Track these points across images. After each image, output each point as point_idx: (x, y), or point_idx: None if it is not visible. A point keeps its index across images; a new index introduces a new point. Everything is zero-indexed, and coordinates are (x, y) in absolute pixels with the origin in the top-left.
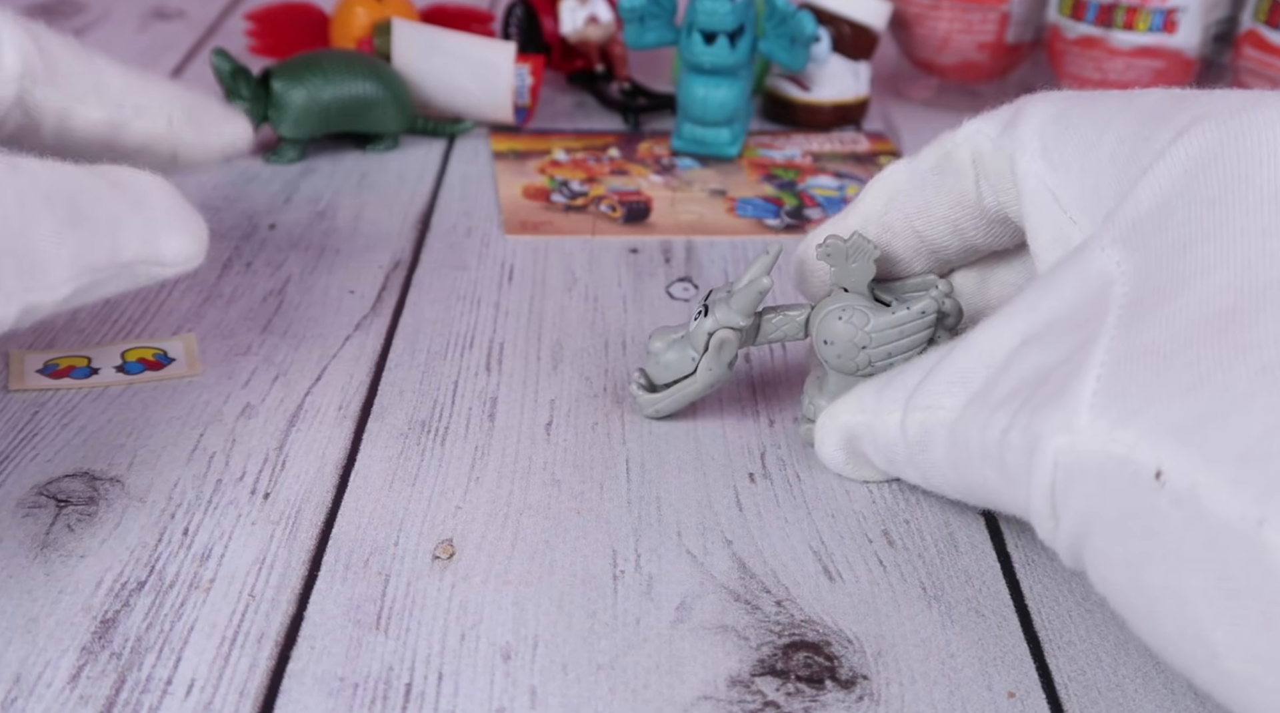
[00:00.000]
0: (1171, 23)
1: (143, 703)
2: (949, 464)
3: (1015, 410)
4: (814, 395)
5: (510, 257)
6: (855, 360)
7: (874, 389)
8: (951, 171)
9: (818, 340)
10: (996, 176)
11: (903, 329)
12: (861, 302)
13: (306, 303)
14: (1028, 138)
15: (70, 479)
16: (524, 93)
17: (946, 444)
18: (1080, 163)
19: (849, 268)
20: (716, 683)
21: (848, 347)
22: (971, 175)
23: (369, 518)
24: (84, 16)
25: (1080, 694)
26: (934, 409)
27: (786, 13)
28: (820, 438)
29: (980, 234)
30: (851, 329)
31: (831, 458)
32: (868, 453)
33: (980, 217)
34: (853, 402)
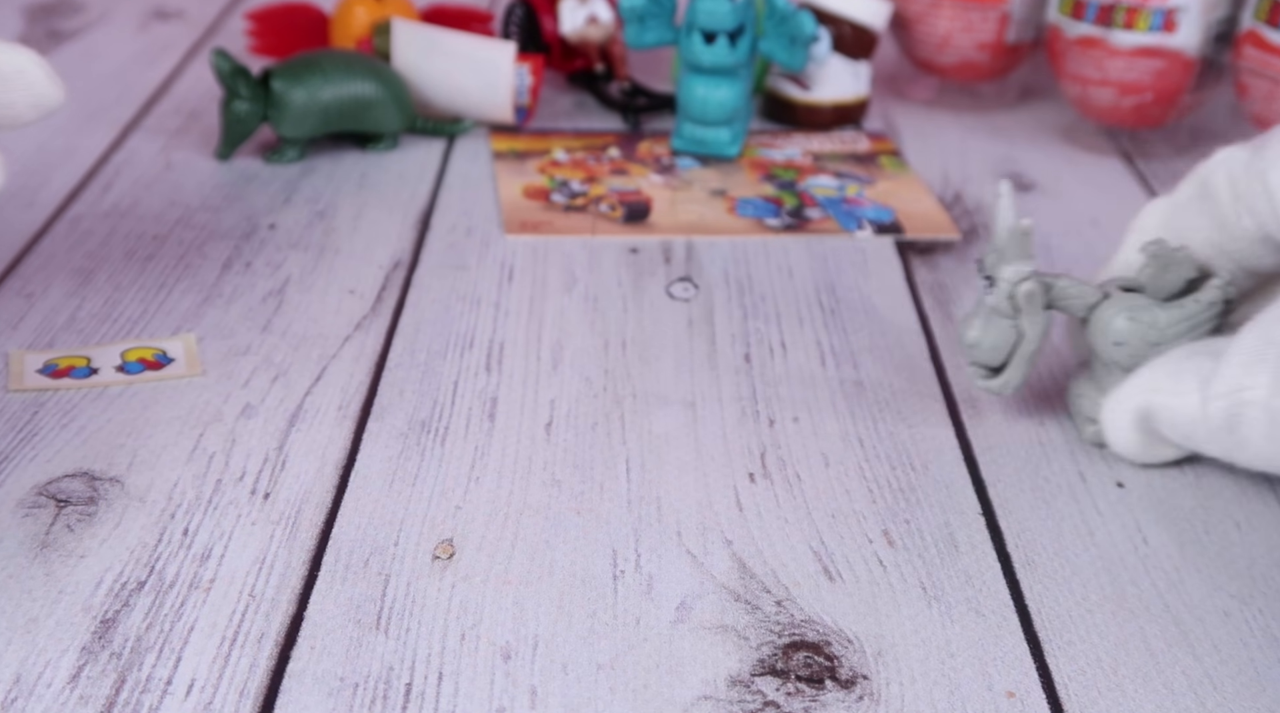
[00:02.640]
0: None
1: (143, 703)
2: (1263, 441)
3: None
4: (1094, 396)
5: (510, 257)
6: (1147, 357)
7: (1164, 371)
8: (1209, 197)
9: (1105, 342)
10: (1250, 197)
11: (1192, 322)
12: (1144, 300)
13: (306, 303)
14: (1275, 153)
15: (70, 479)
16: (524, 93)
17: (1264, 422)
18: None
19: (1164, 277)
20: (716, 683)
21: (1140, 345)
22: (1228, 199)
23: (369, 518)
24: (84, 16)
25: (1080, 694)
26: (1240, 391)
27: (786, 13)
28: (1112, 423)
29: (1245, 254)
30: (1144, 328)
31: (1126, 442)
32: (1163, 430)
33: (1240, 237)
34: (1142, 383)
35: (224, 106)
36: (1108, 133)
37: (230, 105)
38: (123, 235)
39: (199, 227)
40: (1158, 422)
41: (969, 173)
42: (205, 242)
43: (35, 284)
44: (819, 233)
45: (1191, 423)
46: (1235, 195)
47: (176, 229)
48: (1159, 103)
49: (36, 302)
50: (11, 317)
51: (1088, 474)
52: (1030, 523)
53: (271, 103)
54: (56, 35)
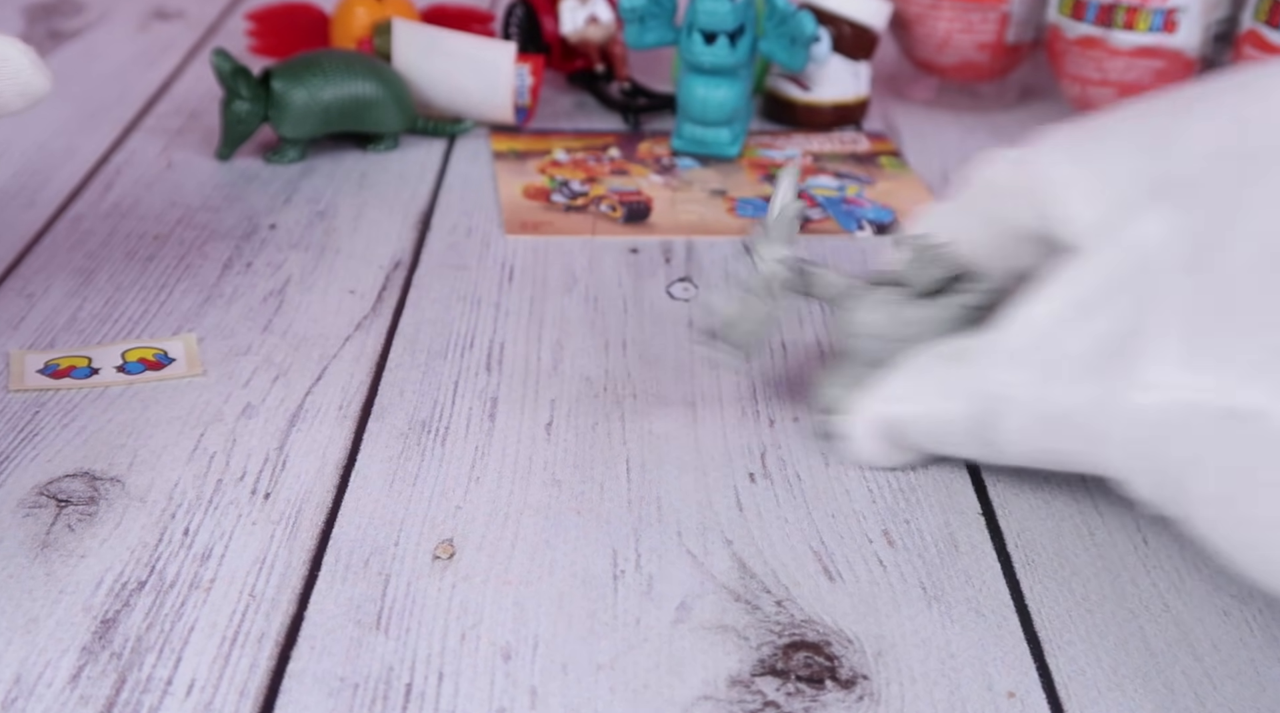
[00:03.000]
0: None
1: (143, 703)
2: (1022, 438)
3: (1093, 377)
4: (835, 387)
5: (510, 257)
6: (894, 353)
7: (908, 378)
8: (979, 197)
9: (853, 332)
10: (1022, 193)
11: (944, 321)
12: (898, 294)
13: (306, 303)
14: (1049, 148)
15: (70, 479)
16: (524, 93)
17: (1018, 418)
18: (1107, 156)
19: (925, 271)
20: (716, 683)
21: (888, 340)
22: (997, 198)
23: (369, 518)
24: (84, 16)
25: (1080, 694)
26: (998, 389)
27: (786, 13)
28: (855, 432)
29: (1011, 253)
30: (894, 322)
31: (868, 450)
32: (913, 439)
33: (1009, 236)
34: (885, 392)
35: (224, 106)
36: None
37: (230, 105)
38: (123, 235)
39: (199, 227)
40: (903, 430)
41: None
42: (206, 242)
43: (36, 284)
44: (819, 233)
45: (944, 428)
46: (1005, 194)
47: (177, 229)
48: None
49: (37, 302)
50: (12, 317)
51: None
52: (1030, 523)
53: (272, 103)
54: (56, 35)
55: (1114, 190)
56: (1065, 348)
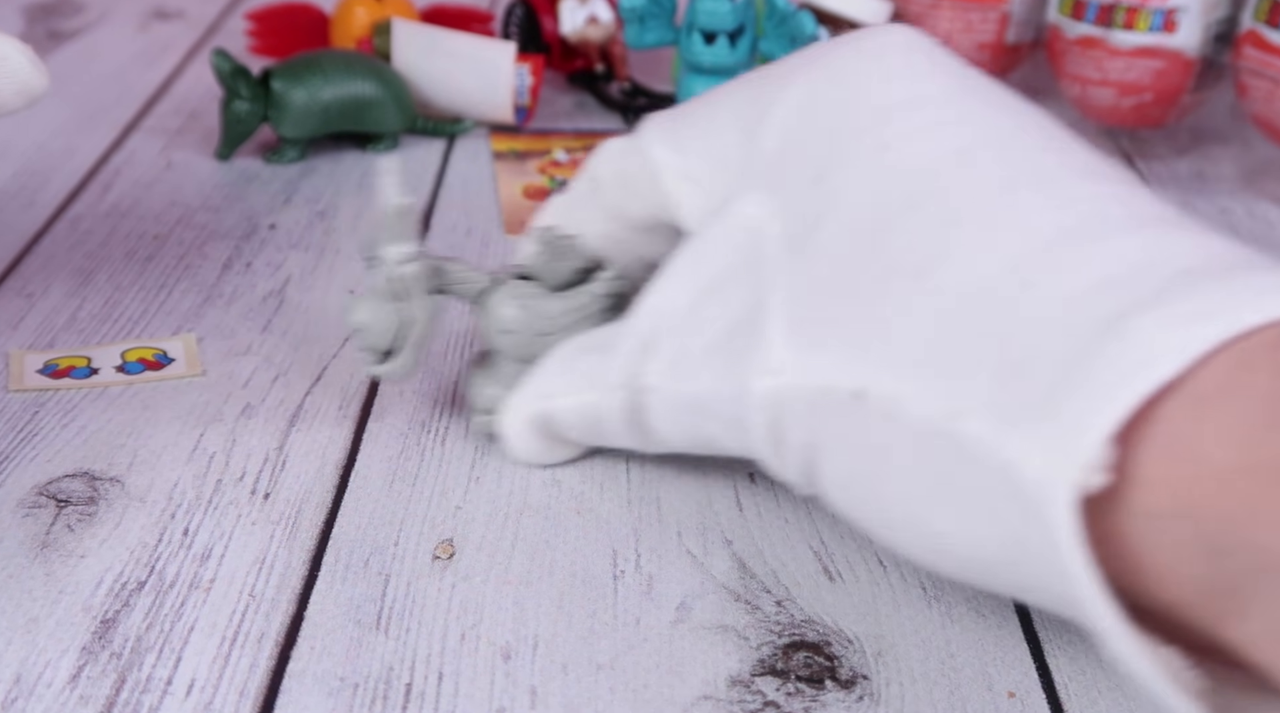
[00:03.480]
0: (1172, 23)
1: (143, 703)
2: (669, 425)
3: (719, 363)
4: (483, 385)
5: (510, 256)
6: (536, 348)
7: (555, 372)
8: (599, 189)
9: (493, 330)
10: (637, 182)
11: (581, 312)
12: (535, 288)
13: (306, 303)
14: (652, 134)
15: (70, 479)
16: (524, 93)
17: (662, 407)
18: (702, 139)
19: (556, 264)
20: (716, 683)
21: (529, 335)
22: (615, 189)
23: (369, 518)
24: (84, 16)
25: (1080, 694)
26: (636, 378)
27: (786, 13)
28: (510, 432)
29: (638, 243)
30: (532, 317)
31: (525, 449)
32: (566, 432)
33: (632, 227)
34: (534, 390)
35: (224, 106)
36: (1108, 133)
37: (230, 105)
38: (123, 235)
39: (199, 227)
40: (558, 426)
41: None
42: (205, 242)
43: (35, 284)
44: None
45: (594, 420)
46: (622, 184)
47: (177, 229)
48: (1159, 103)
49: (36, 302)
50: (11, 317)
51: None
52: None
53: (271, 103)
54: (56, 35)
55: (712, 174)
56: (691, 337)
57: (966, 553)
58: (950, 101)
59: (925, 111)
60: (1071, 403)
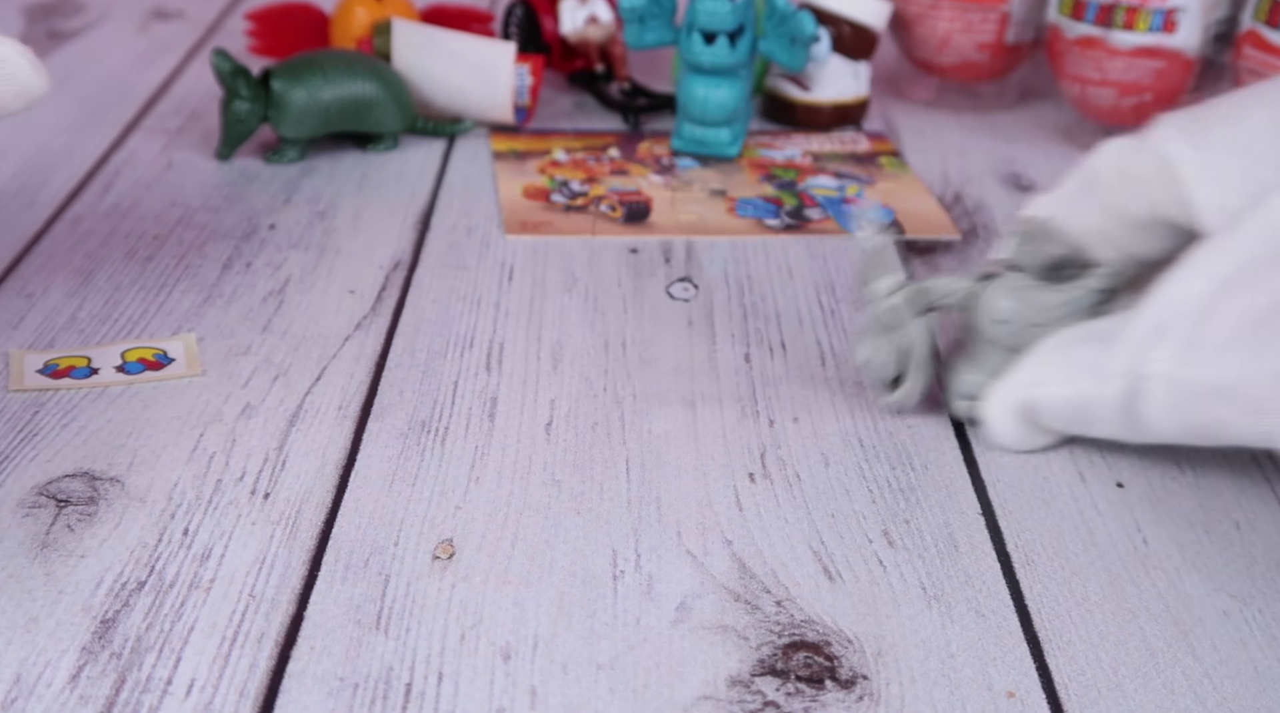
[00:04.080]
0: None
1: (143, 703)
2: (1168, 413)
3: (1248, 347)
4: (969, 374)
5: (510, 257)
6: (1028, 338)
7: (1047, 361)
8: (1097, 186)
9: (988, 320)
10: (1143, 181)
11: (1075, 305)
12: (1030, 280)
13: (306, 303)
14: (1170, 133)
15: (70, 479)
16: (524, 93)
17: (1164, 394)
18: (1229, 140)
19: (1037, 250)
20: (716, 683)
21: (1023, 326)
22: (1116, 186)
23: (369, 518)
24: (84, 16)
25: (1080, 694)
26: (1142, 365)
27: (786, 13)
28: (994, 415)
29: (1130, 240)
30: (1028, 308)
31: (1005, 433)
32: (1048, 420)
33: (1128, 223)
34: (1024, 377)
35: (224, 106)
36: (1108, 133)
37: (230, 105)
38: (123, 235)
39: (199, 227)
40: (1041, 414)
41: (969, 173)
42: (205, 242)
43: (35, 284)
44: (819, 233)
45: (1083, 409)
46: (1125, 181)
47: (177, 229)
48: (1159, 103)
49: (37, 302)
50: (11, 317)
51: (1087, 474)
52: (1030, 523)
53: (271, 103)
54: (56, 35)
55: (1241, 172)
56: (1211, 324)
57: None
58: None
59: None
60: None
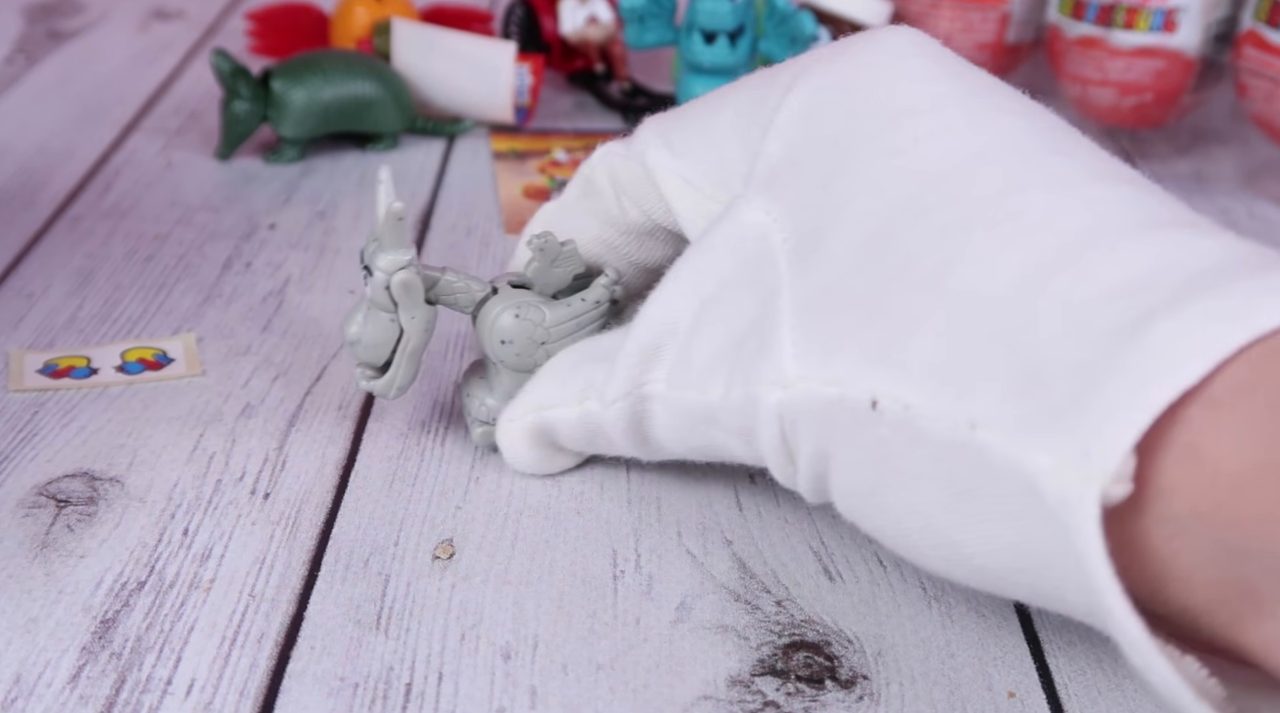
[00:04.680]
0: (1172, 23)
1: (143, 703)
2: (671, 434)
3: (726, 373)
4: (483, 396)
5: (510, 256)
6: (534, 357)
7: (554, 382)
8: (594, 193)
9: (493, 341)
10: (633, 186)
11: (579, 320)
12: (531, 297)
13: (306, 303)
14: (648, 137)
15: (70, 479)
16: (524, 93)
17: (664, 416)
18: (701, 143)
19: (551, 271)
20: (716, 683)
21: (527, 344)
22: (611, 193)
23: (369, 518)
24: (84, 16)
25: (1080, 694)
26: (638, 387)
27: (786, 13)
28: (507, 442)
29: (634, 249)
30: (530, 326)
31: (522, 459)
32: (565, 444)
33: (628, 232)
34: (534, 399)
35: (224, 106)
36: (1108, 133)
37: (230, 105)
38: (123, 235)
39: (199, 227)
40: (556, 435)
41: None
42: (205, 242)
43: (35, 284)
44: None
45: (595, 430)
46: (618, 189)
47: (176, 229)
48: (1159, 103)
49: (36, 302)
50: (11, 317)
51: None
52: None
53: (271, 103)
54: (56, 35)
55: (712, 179)
56: (695, 346)
57: (982, 562)
58: (959, 104)
59: (934, 115)
60: (1092, 413)
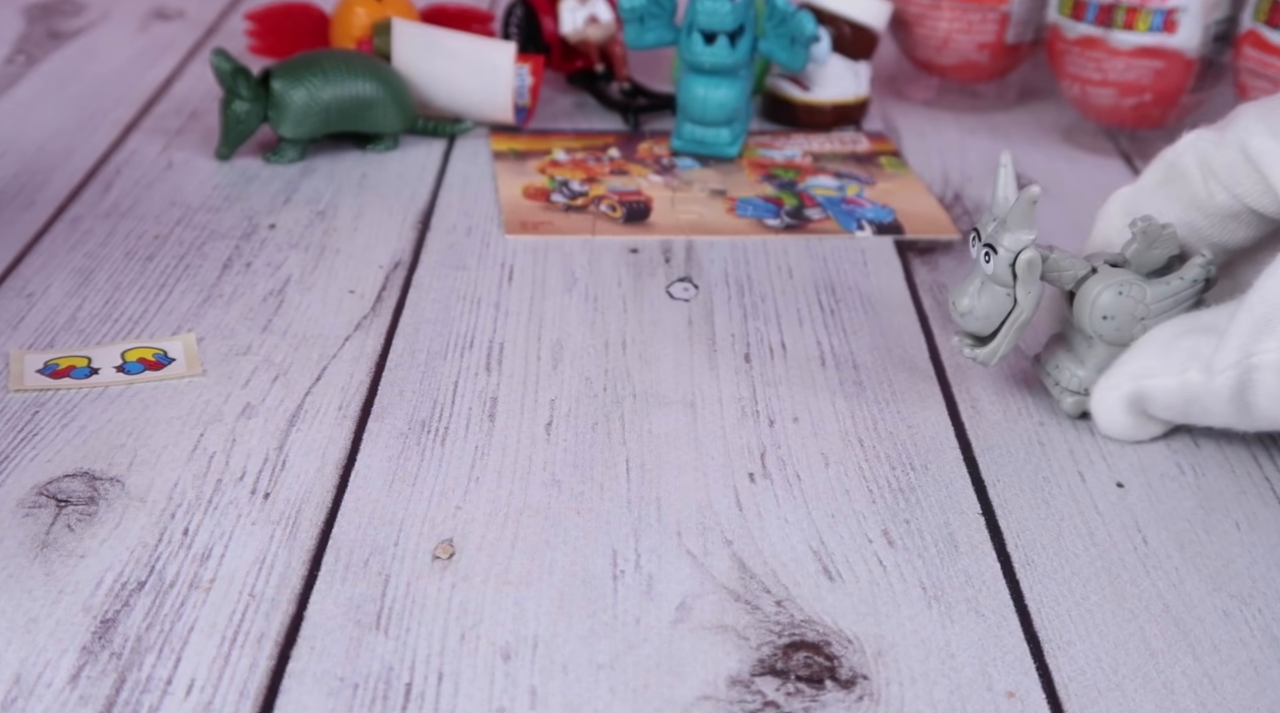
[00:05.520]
0: (1171, 23)
1: (143, 703)
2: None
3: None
4: (1073, 368)
5: (510, 257)
6: (1132, 331)
7: (1154, 353)
8: (1178, 178)
9: (1094, 316)
10: (1226, 171)
11: (1177, 297)
12: (1131, 275)
13: (306, 303)
14: (1251, 124)
15: (70, 479)
16: (524, 93)
17: (1275, 384)
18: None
19: (1149, 252)
20: (716, 683)
21: (1127, 320)
22: (1199, 178)
23: (369, 518)
24: (84, 16)
25: (1080, 694)
26: (1251, 356)
27: (786, 13)
28: (1103, 408)
29: (1216, 231)
30: (1131, 302)
31: (1116, 425)
32: (1157, 411)
33: (1213, 214)
34: (1132, 370)
35: (224, 106)
36: (1108, 133)
37: (230, 105)
38: (123, 235)
39: (199, 227)
40: (1151, 404)
41: (969, 173)
42: (205, 242)
43: (35, 284)
44: (819, 233)
45: (1194, 399)
46: (1207, 173)
47: (177, 229)
48: (1159, 103)
49: (37, 302)
50: (12, 317)
51: (1087, 474)
52: (1030, 523)
53: (271, 103)
54: (56, 35)
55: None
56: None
57: None
58: None
59: None
60: None
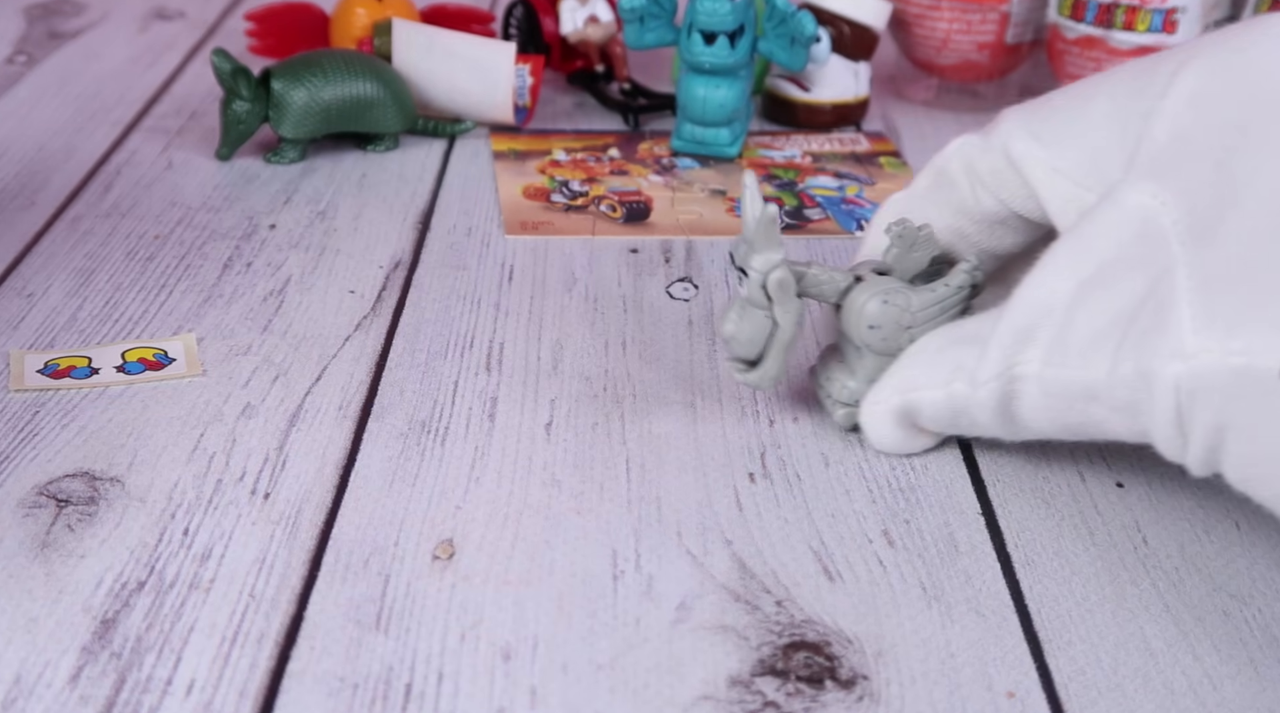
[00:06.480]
0: (1171, 23)
1: (143, 703)
2: (1042, 413)
3: (1113, 350)
4: (844, 380)
5: (510, 257)
6: (899, 341)
7: (920, 365)
8: (947, 184)
9: (859, 326)
10: (992, 176)
11: (943, 305)
12: (896, 283)
13: (306, 303)
14: (1013, 128)
15: (70, 479)
16: (524, 93)
17: (1037, 395)
18: (1071, 133)
19: (909, 256)
20: (716, 683)
21: (894, 329)
22: (966, 184)
23: (369, 518)
24: (84, 16)
25: (1080, 694)
26: (1010, 368)
27: (786, 13)
28: (872, 422)
29: (985, 237)
30: (897, 311)
31: (886, 438)
32: (927, 424)
33: (981, 220)
34: (900, 381)
35: (224, 106)
36: None
37: (230, 105)
38: (123, 235)
39: (199, 227)
40: (920, 417)
41: None
42: (205, 242)
43: (35, 284)
44: (819, 233)
45: (961, 411)
46: (974, 179)
47: (177, 229)
48: None
49: (37, 302)
50: (12, 317)
51: (1087, 474)
52: (1030, 523)
53: (271, 103)
54: (56, 35)
55: (1085, 166)
56: (1076, 325)
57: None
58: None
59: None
60: None
